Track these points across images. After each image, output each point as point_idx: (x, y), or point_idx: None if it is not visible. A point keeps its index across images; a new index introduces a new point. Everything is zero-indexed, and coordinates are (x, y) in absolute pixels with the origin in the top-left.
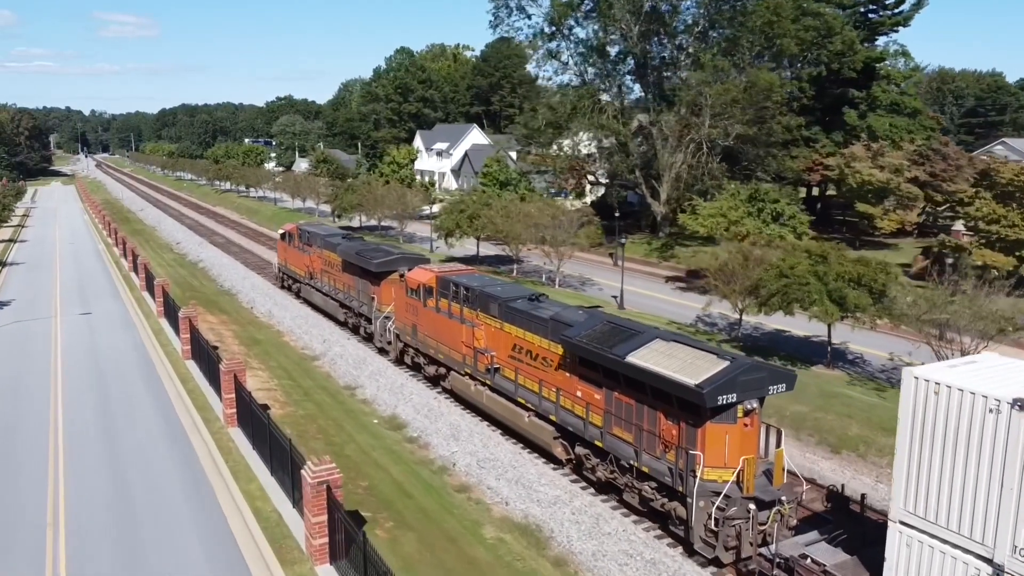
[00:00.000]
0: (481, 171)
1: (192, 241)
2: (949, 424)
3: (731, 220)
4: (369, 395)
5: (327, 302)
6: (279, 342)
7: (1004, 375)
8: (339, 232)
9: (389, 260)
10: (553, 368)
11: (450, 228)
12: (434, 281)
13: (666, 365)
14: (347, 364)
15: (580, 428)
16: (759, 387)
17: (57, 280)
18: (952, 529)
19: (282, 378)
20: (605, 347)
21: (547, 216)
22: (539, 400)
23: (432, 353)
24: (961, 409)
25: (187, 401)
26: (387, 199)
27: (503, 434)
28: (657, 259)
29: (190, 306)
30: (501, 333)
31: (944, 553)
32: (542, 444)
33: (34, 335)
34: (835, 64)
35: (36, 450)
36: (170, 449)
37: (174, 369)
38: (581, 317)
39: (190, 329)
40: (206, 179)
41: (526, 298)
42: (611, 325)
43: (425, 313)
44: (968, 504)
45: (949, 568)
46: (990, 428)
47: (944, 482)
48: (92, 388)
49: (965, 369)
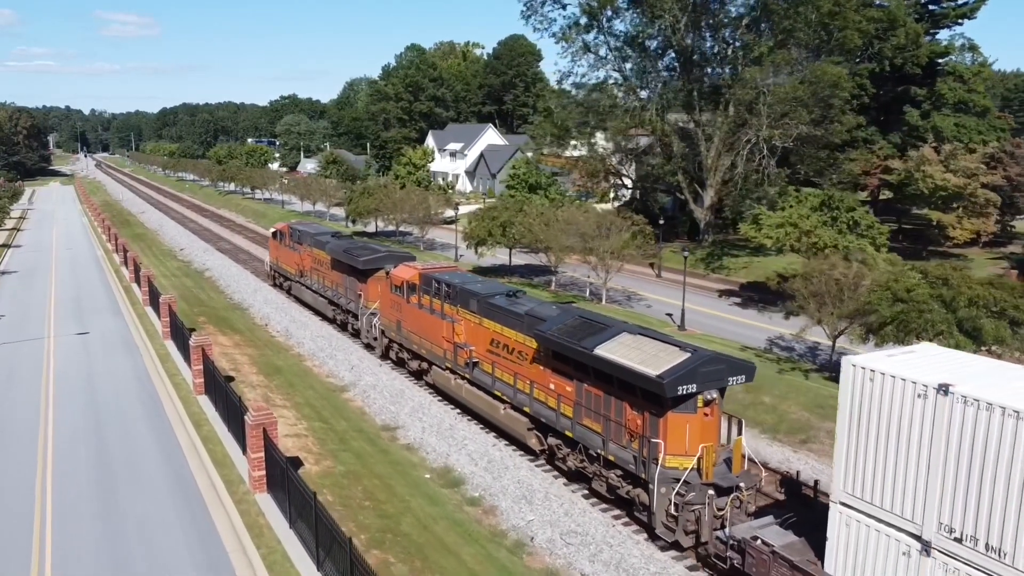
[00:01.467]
0: (508, 173)
1: (197, 247)
2: (883, 409)
3: (803, 230)
4: (413, 439)
5: (316, 299)
6: (301, 369)
7: (936, 363)
8: (328, 231)
9: (375, 258)
10: (528, 362)
11: (481, 236)
12: (417, 278)
13: (631, 357)
14: (382, 397)
15: (552, 419)
16: (719, 378)
17: (52, 292)
18: (886, 508)
19: (311, 418)
20: (575, 340)
21: (593, 224)
22: (514, 393)
23: (415, 348)
24: (893, 395)
25: (203, 454)
26: (406, 203)
27: (592, 503)
28: (705, 270)
29: (202, 333)
30: (480, 328)
31: (879, 531)
32: (517, 435)
33: (24, 361)
34: (897, 59)
35: (16, 536)
36: (185, 530)
37: (185, 408)
38: (555, 312)
39: (203, 360)
40: (209, 180)
41: (504, 294)
42: (582, 320)
43: (408, 309)
44: (900, 484)
45: (884, 545)
46: (918, 412)
47: (879, 464)
48: (88, 437)
49: (901, 358)
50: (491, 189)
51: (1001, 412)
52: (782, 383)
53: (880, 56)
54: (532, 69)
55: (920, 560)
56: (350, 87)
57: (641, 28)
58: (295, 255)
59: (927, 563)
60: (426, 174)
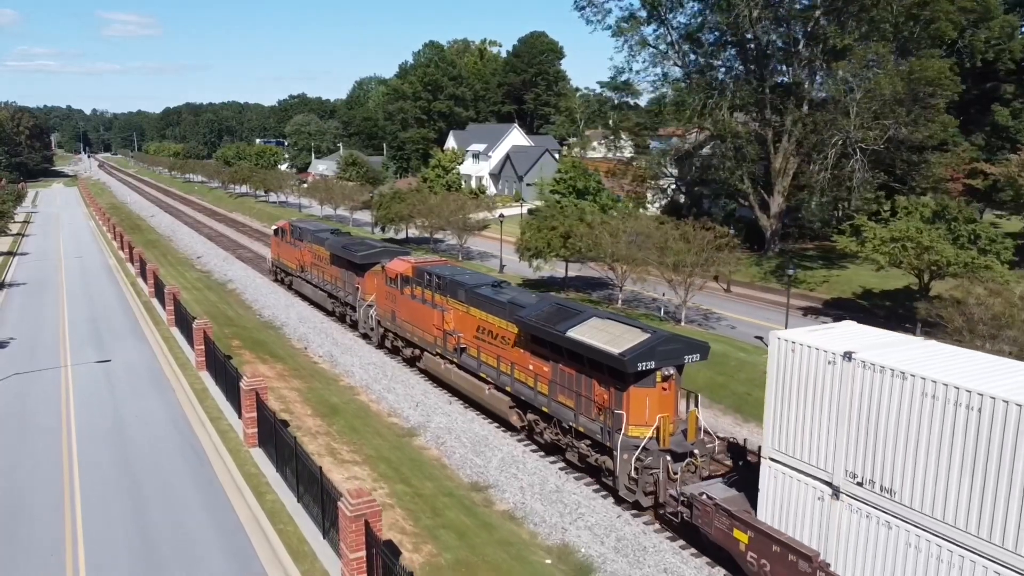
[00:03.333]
0: (553, 177)
1: (215, 255)
2: (801, 375)
3: (923, 245)
4: (513, 503)
5: (316, 293)
6: (359, 407)
7: (850, 336)
8: (327, 228)
9: (372, 253)
10: (510, 345)
11: (539, 248)
12: (410, 271)
13: (598, 338)
14: (462, 446)
15: (531, 397)
16: (676, 356)
17: (64, 310)
18: (805, 461)
19: (391, 478)
20: (551, 324)
21: (676, 236)
22: (497, 374)
23: (408, 336)
24: (809, 362)
25: (273, 540)
26: (443, 209)
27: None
28: (779, 284)
29: (240, 361)
30: (467, 316)
31: (800, 481)
32: (500, 413)
33: (38, 403)
34: (989, 53)
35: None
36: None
37: (237, 466)
38: (534, 300)
39: (257, 408)
40: (219, 182)
41: (489, 285)
42: (557, 306)
43: (402, 300)
44: (815, 439)
45: (803, 492)
46: (828, 376)
47: (798, 423)
48: (124, 514)
49: (821, 333)
50: (518, 192)
51: (891, 374)
52: None
53: (971, 50)
54: (554, 67)
55: (831, 503)
56: (360, 86)
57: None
58: (296, 251)
59: (836, 506)
60: (456, 177)
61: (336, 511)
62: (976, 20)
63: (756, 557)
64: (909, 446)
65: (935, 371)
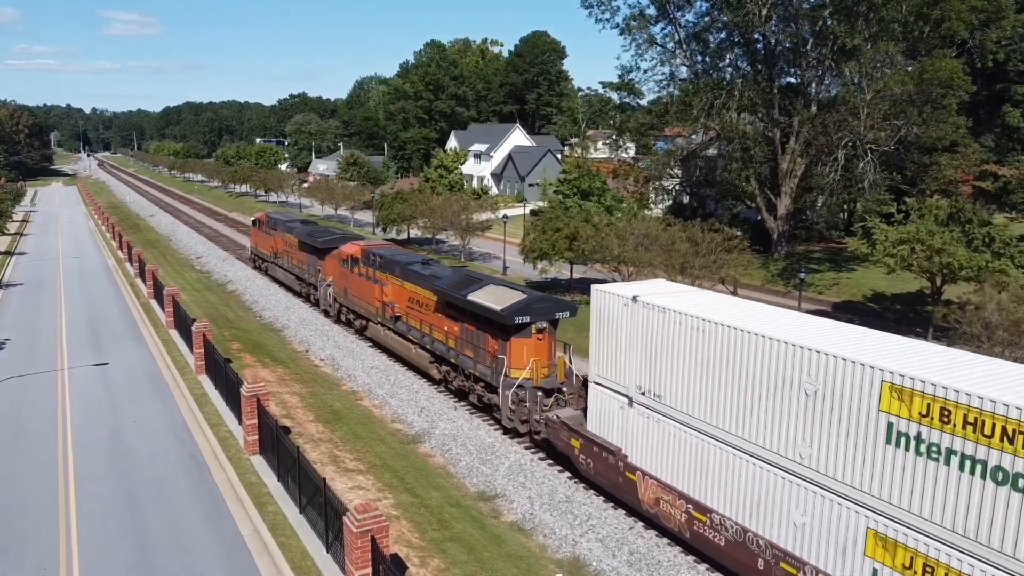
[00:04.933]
0: (557, 178)
1: (215, 255)
2: (609, 316)
3: (934, 248)
4: (522, 514)
5: (287, 276)
6: (362, 412)
7: (650, 288)
8: (297, 218)
9: (332, 239)
10: (431, 311)
11: (543, 250)
12: (359, 253)
13: (490, 300)
14: (467, 453)
15: (444, 352)
16: (548, 313)
17: (62, 310)
18: (613, 380)
19: (396, 488)
20: (457, 291)
21: (684, 239)
22: (421, 336)
23: (357, 309)
24: (613, 305)
25: (275, 553)
26: (446, 210)
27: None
28: (786, 287)
29: (240, 364)
30: (402, 289)
31: (610, 396)
32: (423, 368)
33: (34, 408)
34: (999, 54)
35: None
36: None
37: (238, 475)
38: (450, 273)
39: (258, 415)
40: (219, 181)
41: (420, 262)
42: (465, 276)
43: (353, 278)
44: (618, 364)
45: (612, 404)
46: (625, 315)
47: (608, 352)
48: (121, 528)
49: (627, 284)
50: (520, 192)
51: (658, 309)
52: None
53: (982, 50)
54: (556, 67)
55: (627, 410)
56: (360, 86)
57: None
58: (270, 239)
59: (633, 410)
60: (459, 177)
61: (340, 523)
62: (987, 20)
63: (585, 458)
64: (669, 361)
65: (683, 307)
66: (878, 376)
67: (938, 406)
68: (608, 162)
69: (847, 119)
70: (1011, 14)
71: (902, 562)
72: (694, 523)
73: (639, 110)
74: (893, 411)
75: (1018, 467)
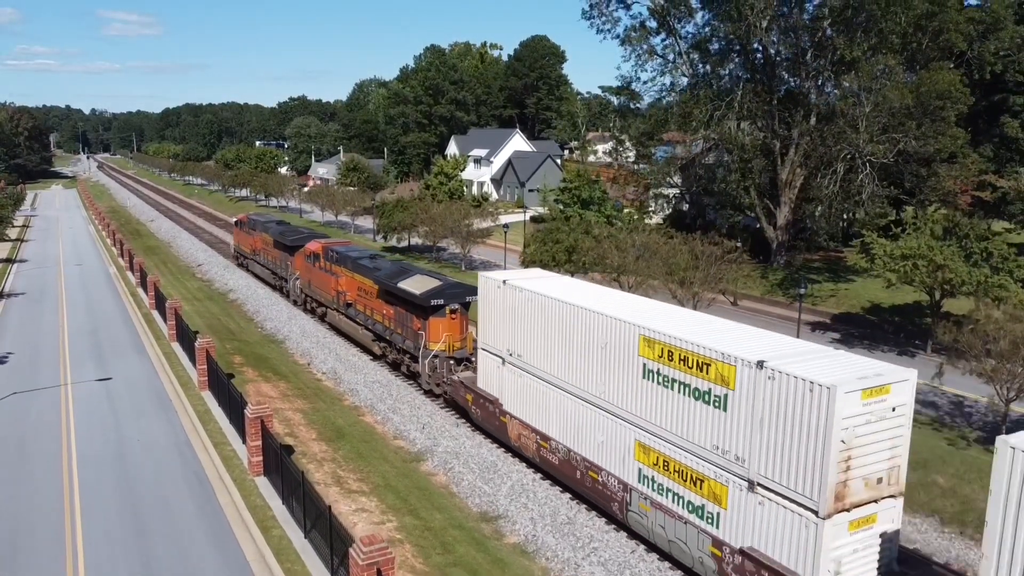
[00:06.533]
0: (559, 187)
1: (216, 263)
2: (488, 296)
3: (935, 263)
4: (525, 536)
5: (263, 271)
6: (366, 429)
7: (521, 275)
8: (274, 219)
9: (301, 238)
10: (374, 298)
11: (543, 262)
12: (320, 249)
13: (414, 286)
14: (469, 471)
15: (383, 331)
16: (460, 296)
17: (64, 322)
18: (492, 345)
19: (399, 510)
20: (391, 280)
21: (683, 253)
22: (366, 319)
23: (319, 299)
24: (491, 287)
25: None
26: (447, 219)
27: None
28: (785, 298)
29: (255, 396)
30: (353, 280)
31: (491, 359)
32: (367, 345)
33: (38, 426)
34: (997, 65)
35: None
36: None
37: (242, 497)
38: (389, 265)
39: (262, 436)
40: (220, 185)
41: (368, 257)
42: (400, 267)
43: (315, 272)
44: (496, 333)
45: (492, 363)
46: (499, 296)
47: (489, 324)
48: (127, 550)
49: (506, 272)
50: (520, 198)
51: (517, 289)
52: (956, 459)
53: (980, 61)
54: (556, 71)
55: (503, 367)
56: (360, 88)
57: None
58: (250, 238)
59: (505, 368)
60: (459, 184)
61: (345, 550)
62: (985, 31)
63: (475, 408)
64: (526, 329)
65: (534, 287)
66: (637, 331)
67: (667, 349)
68: (608, 167)
69: (846, 131)
70: (1009, 25)
71: (653, 461)
72: (541, 449)
73: (640, 115)
74: (645, 355)
75: (705, 387)
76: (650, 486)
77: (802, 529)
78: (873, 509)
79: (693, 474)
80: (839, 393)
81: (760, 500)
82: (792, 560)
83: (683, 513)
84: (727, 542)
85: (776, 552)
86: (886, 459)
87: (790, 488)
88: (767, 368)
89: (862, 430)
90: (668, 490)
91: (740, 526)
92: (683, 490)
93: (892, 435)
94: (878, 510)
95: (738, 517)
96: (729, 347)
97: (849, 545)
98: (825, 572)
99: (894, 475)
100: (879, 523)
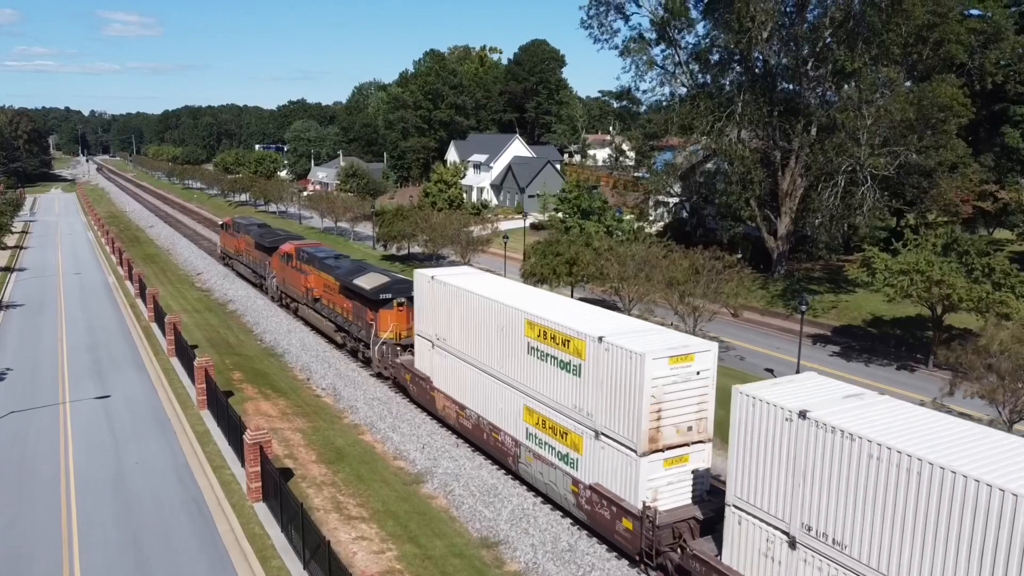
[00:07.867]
0: (559, 196)
1: (215, 272)
2: (421, 289)
3: (932, 279)
4: (525, 563)
5: (246, 270)
6: (366, 449)
7: (448, 271)
8: (256, 222)
9: (277, 239)
10: (336, 293)
11: (544, 274)
12: (293, 251)
13: (366, 283)
14: (470, 495)
15: (343, 323)
16: (406, 291)
17: (63, 336)
18: (425, 331)
19: (399, 537)
20: (348, 277)
21: (684, 267)
22: (330, 312)
23: (292, 295)
24: (424, 281)
25: None
26: (447, 228)
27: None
28: (786, 310)
29: (255, 417)
30: (320, 278)
31: (424, 342)
32: (330, 334)
33: (36, 448)
34: (998, 75)
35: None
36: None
37: (241, 525)
38: (349, 264)
39: (261, 462)
40: (219, 189)
41: (333, 257)
42: (358, 266)
43: (289, 271)
44: (428, 320)
45: (425, 348)
46: (429, 289)
47: (423, 313)
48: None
49: (436, 269)
50: (520, 204)
51: (444, 285)
52: None
53: (981, 72)
54: (555, 76)
55: (433, 350)
56: (359, 91)
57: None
58: (235, 240)
59: (434, 351)
60: (458, 192)
61: None
62: (986, 41)
63: (413, 387)
64: (448, 316)
65: (455, 281)
66: (523, 316)
67: (543, 330)
68: (607, 173)
69: (846, 144)
70: (1010, 35)
71: (536, 421)
72: (459, 417)
73: (639, 119)
74: (529, 335)
75: (567, 359)
76: (533, 441)
77: (628, 466)
78: (685, 451)
79: (561, 429)
80: (648, 359)
81: (603, 446)
82: (623, 490)
83: (554, 461)
84: (582, 480)
85: (613, 485)
86: (694, 412)
87: (620, 434)
88: (605, 342)
89: (670, 388)
90: (545, 443)
91: (590, 467)
92: (554, 442)
93: (698, 394)
94: (690, 452)
95: (590, 460)
96: (583, 327)
97: (664, 478)
98: (643, 497)
99: (702, 425)
100: (691, 462)
